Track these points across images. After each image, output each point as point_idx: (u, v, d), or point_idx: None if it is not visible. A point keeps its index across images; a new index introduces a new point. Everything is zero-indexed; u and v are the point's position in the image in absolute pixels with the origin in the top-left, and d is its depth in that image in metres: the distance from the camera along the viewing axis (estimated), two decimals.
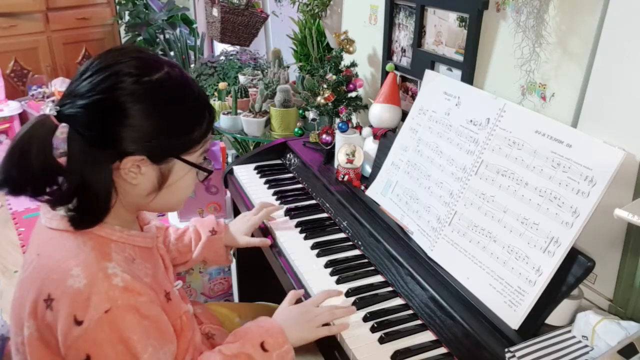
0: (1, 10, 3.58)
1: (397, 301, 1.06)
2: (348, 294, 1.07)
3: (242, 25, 2.88)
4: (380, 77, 1.63)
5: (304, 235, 1.28)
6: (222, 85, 2.17)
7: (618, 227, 0.91)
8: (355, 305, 1.04)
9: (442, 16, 1.32)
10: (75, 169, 0.78)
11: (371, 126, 1.49)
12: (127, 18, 4.05)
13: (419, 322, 1.00)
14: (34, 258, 0.80)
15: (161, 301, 0.84)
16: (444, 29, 1.32)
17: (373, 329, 0.97)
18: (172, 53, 3.68)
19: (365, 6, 1.66)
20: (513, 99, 1.10)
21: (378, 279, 1.13)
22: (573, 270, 0.87)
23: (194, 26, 4.14)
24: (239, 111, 2.02)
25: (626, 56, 0.88)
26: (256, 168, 1.65)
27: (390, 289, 1.09)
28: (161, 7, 3.95)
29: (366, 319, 1.00)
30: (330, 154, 1.54)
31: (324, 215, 1.38)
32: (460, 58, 1.27)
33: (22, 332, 0.79)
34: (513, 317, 0.91)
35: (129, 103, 0.77)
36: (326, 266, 1.16)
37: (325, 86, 1.60)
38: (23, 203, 2.94)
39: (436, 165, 1.16)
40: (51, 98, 3.45)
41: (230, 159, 2.73)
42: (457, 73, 1.28)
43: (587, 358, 0.85)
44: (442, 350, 0.94)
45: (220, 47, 3.42)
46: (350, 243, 1.25)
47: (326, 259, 1.18)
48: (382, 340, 0.95)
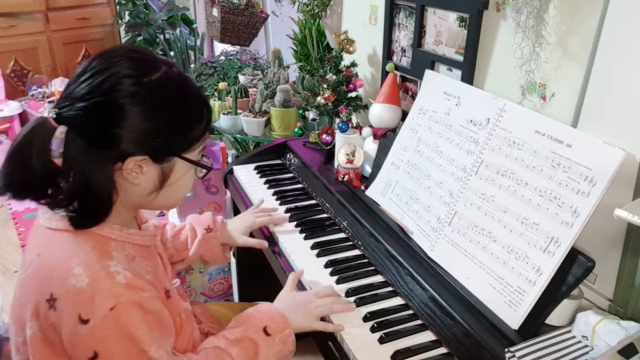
0: (1, 10, 3.58)
1: (397, 301, 1.06)
2: (348, 294, 1.07)
3: (242, 25, 2.87)
4: (380, 77, 1.63)
5: (304, 235, 1.28)
6: (222, 85, 2.17)
7: (618, 227, 0.91)
8: (355, 305, 1.03)
9: (442, 16, 1.32)
10: (76, 171, 0.78)
11: (371, 126, 1.49)
12: (127, 18, 4.05)
13: (419, 322, 1.00)
14: (34, 258, 0.80)
15: (161, 298, 0.84)
16: (444, 29, 1.32)
17: (373, 329, 0.97)
18: (172, 53, 3.68)
19: (365, 6, 1.66)
20: (513, 99, 1.10)
21: (378, 279, 1.13)
22: (573, 270, 0.87)
23: (194, 26, 4.14)
24: (239, 111, 2.01)
25: (626, 56, 0.88)
26: (256, 168, 1.65)
27: (390, 289, 1.09)
28: (161, 7, 3.95)
29: (366, 319, 1.00)
30: (330, 154, 1.54)
31: (324, 215, 1.38)
32: (460, 58, 1.27)
33: (23, 333, 0.79)
34: (513, 317, 0.91)
35: (129, 105, 0.77)
36: (326, 266, 1.16)
37: (325, 86, 1.60)
38: (23, 203, 2.89)
39: (436, 165, 1.16)
40: (51, 98, 3.45)
41: (230, 159, 2.73)
42: (457, 73, 1.28)
43: (587, 358, 0.85)
44: (442, 350, 0.94)
45: (220, 47, 3.41)
46: (350, 243, 1.25)
47: (326, 259, 1.18)
48: (382, 340, 0.95)
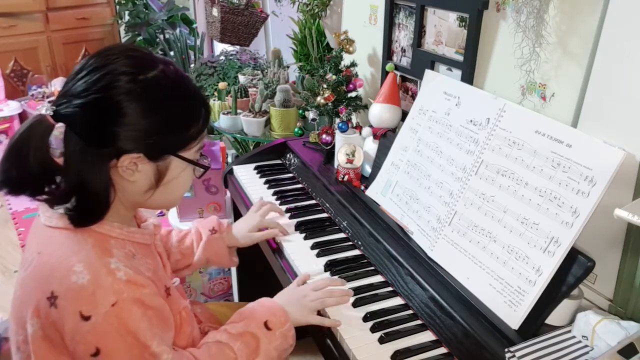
0: (1, 10, 3.58)
1: (397, 301, 1.06)
2: None
3: (242, 25, 2.87)
4: (380, 77, 1.63)
5: (304, 235, 1.28)
6: (222, 85, 2.17)
7: (618, 227, 0.91)
8: (355, 305, 1.04)
9: (442, 16, 1.32)
10: (73, 168, 0.78)
11: (371, 126, 1.49)
12: (127, 18, 4.05)
13: (419, 322, 1.00)
14: (35, 257, 0.80)
15: (162, 295, 0.85)
16: (444, 29, 1.32)
17: (373, 329, 0.97)
18: (172, 53, 3.68)
19: (365, 6, 1.66)
20: (513, 99, 1.10)
21: (378, 279, 1.13)
22: (573, 270, 0.87)
23: (194, 26, 4.13)
24: (239, 111, 2.01)
25: (626, 56, 0.88)
26: (256, 168, 1.65)
27: (390, 289, 1.09)
28: (161, 7, 3.95)
29: (366, 319, 1.00)
30: (330, 154, 1.54)
31: (324, 215, 1.38)
32: (460, 58, 1.27)
33: (24, 331, 0.79)
34: (513, 317, 0.91)
35: (125, 102, 0.77)
36: (326, 266, 1.16)
37: (325, 86, 1.60)
38: (23, 203, 2.94)
39: (436, 165, 1.16)
40: (51, 98, 3.45)
41: (230, 159, 2.73)
42: (457, 73, 1.28)
43: (587, 358, 0.85)
44: (442, 350, 0.94)
45: (220, 47, 3.41)
46: (350, 243, 1.25)
47: (326, 259, 1.18)
48: (382, 340, 0.95)
